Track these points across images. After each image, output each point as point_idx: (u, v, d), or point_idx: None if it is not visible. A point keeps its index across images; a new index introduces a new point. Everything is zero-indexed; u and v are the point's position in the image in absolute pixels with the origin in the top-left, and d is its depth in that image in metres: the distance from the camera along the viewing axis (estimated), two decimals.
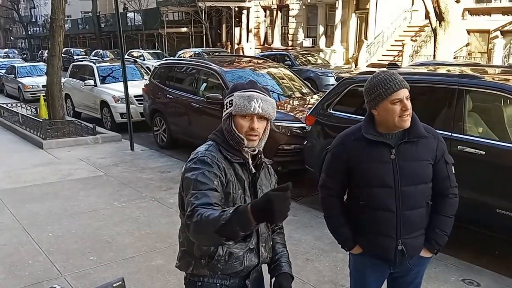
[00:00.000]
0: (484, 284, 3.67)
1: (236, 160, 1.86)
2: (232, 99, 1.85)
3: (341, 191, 2.34)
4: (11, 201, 5.75)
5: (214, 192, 1.71)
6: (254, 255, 1.92)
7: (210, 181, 1.74)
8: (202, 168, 1.77)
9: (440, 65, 5.64)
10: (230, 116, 1.87)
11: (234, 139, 1.85)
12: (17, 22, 52.47)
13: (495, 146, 3.98)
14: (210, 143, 1.92)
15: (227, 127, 1.88)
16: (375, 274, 2.37)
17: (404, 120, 2.11)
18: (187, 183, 1.78)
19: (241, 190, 1.86)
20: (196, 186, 1.72)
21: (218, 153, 1.85)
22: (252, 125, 1.83)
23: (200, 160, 1.81)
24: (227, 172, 1.81)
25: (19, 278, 3.86)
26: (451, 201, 2.27)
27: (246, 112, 1.82)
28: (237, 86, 1.91)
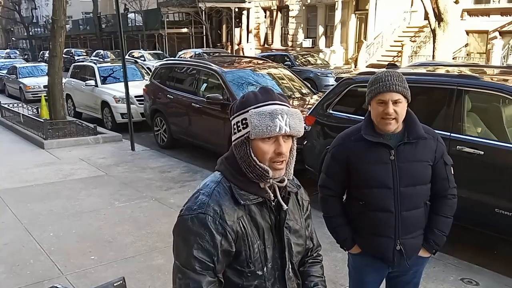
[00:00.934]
0: (483, 283, 3.67)
1: (253, 201, 1.42)
2: (246, 118, 1.38)
3: (340, 191, 2.34)
4: (12, 200, 5.75)
5: (210, 278, 1.37)
6: None
7: (209, 256, 1.37)
8: (200, 235, 1.37)
9: (439, 66, 5.64)
10: (246, 141, 1.40)
11: (255, 171, 1.40)
12: (19, 23, 52.47)
13: (494, 146, 3.97)
14: (218, 179, 1.46)
15: (243, 155, 1.41)
16: (373, 273, 2.37)
17: (385, 123, 2.09)
18: (179, 247, 1.41)
19: (259, 241, 1.43)
20: (189, 263, 1.37)
21: (226, 196, 1.41)
22: (279, 150, 1.38)
23: (200, 220, 1.38)
24: (235, 228, 1.39)
25: (20, 277, 3.86)
26: (449, 202, 2.27)
27: (271, 134, 1.36)
28: (249, 99, 1.42)
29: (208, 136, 7.63)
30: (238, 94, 7.09)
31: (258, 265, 1.43)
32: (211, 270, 1.38)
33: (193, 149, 8.52)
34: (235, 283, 1.44)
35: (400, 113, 2.09)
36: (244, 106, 1.41)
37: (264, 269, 1.45)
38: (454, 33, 13.02)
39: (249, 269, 1.43)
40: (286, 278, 1.50)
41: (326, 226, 2.41)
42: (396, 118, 2.09)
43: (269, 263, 1.45)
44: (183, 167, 7.28)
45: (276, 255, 1.48)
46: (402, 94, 2.06)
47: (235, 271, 1.43)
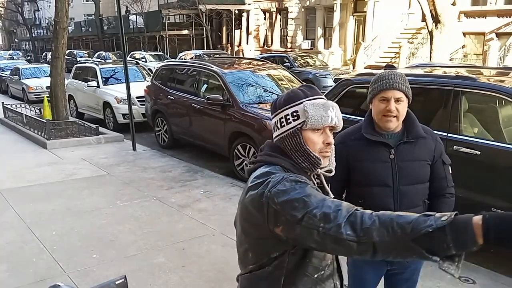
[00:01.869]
0: (480, 281, 3.67)
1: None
2: (297, 110, 1.44)
3: (340, 189, 2.33)
4: (15, 200, 5.75)
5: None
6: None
7: (319, 193, 1.32)
8: (303, 185, 1.32)
9: (436, 67, 5.64)
10: (299, 131, 1.44)
11: (309, 160, 1.43)
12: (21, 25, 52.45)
13: (490, 146, 3.98)
14: (274, 168, 1.42)
15: (295, 146, 1.44)
16: (372, 271, 2.37)
17: (386, 121, 2.10)
18: (291, 205, 1.27)
19: None
20: (315, 199, 1.27)
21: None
22: (329, 140, 1.45)
23: (292, 180, 1.33)
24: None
25: (23, 276, 3.86)
26: (447, 201, 2.27)
27: (324, 124, 1.42)
28: (297, 94, 1.47)
29: (209, 136, 7.63)
30: (238, 95, 7.09)
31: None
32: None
33: (194, 149, 8.52)
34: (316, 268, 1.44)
35: (401, 112, 2.10)
36: (294, 99, 1.46)
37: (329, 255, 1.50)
38: (451, 35, 13.04)
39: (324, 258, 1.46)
40: (339, 259, 1.58)
41: None
42: (397, 116, 2.10)
43: None
44: (184, 167, 7.28)
45: None
46: (404, 93, 2.08)
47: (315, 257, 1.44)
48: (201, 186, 6.26)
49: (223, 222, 4.90)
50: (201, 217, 5.11)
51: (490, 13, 19.19)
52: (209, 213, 5.25)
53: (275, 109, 1.50)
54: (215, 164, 7.62)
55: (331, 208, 1.24)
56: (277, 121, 1.49)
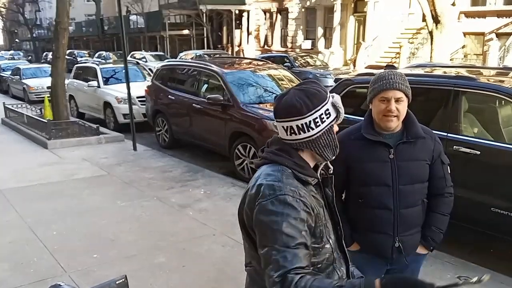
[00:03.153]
0: None
1: (313, 182, 1.55)
2: (328, 108, 1.53)
3: (339, 189, 2.34)
4: (16, 200, 5.75)
5: (304, 250, 1.40)
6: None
7: (298, 232, 1.39)
8: (286, 214, 1.40)
9: (437, 67, 5.64)
10: (331, 128, 1.55)
11: (334, 151, 1.57)
12: (23, 25, 52.43)
13: (490, 146, 3.97)
14: (278, 168, 1.51)
15: (329, 142, 1.54)
16: (372, 270, 2.36)
17: (387, 120, 2.11)
18: (267, 231, 1.41)
19: (324, 217, 1.56)
20: (282, 240, 1.38)
21: (294, 180, 1.49)
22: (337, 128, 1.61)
23: (281, 201, 1.41)
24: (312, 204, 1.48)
25: (24, 275, 3.86)
26: (446, 200, 2.28)
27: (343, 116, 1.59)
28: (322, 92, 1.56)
29: (209, 136, 7.63)
30: (239, 95, 7.09)
31: (326, 238, 1.54)
32: (303, 245, 1.40)
33: (194, 149, 8.52)
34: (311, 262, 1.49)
35: (401, 112, 2.10)
36: (322, 98, 1.53)
37: (330, 241, 1.57)
38: (451, 35, 13.04)
39: (322, 243, 1.52)
40: (344, 247, 1.66)
41: None
42: (397, 116, 2.10)
43: (332, 235, 1.59)
44: (184, 167, 7.28)
45: (332, 228, 1.61)
46: (404, 93, 2.08)
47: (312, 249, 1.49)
48: (201, 186, 6.26)
49: (223, 222, 4.90)
50: (202, 217, 5.11)
51: (490, 13, 19.18)
52: (209, 213, 5.25)
53: (306, 111, 1.50)
54: (216, 164, 7.62)
55: (286, 260, 1.36)
56: (309, 122, 1.50)
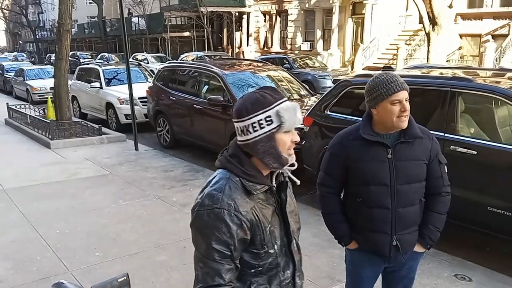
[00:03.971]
0: (476, 279, 3.67)
1: (261, 190, 1.53)
2: (270, 116, 1.47)
3: (338, 188, 2.34)
4: (19, 199, 5.75)
5: (228, 265, 1.47)
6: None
7: (226, 247, 1.45)
8: (217, 228, 1.45)
9: (434, 68, 5.64)
10: (272, 135, 1.49)
11: (280, 161, 1.51)
12: (26, 27, 52.40)
13: (486, 146, 3.97)
14: (226, 176, 1.53)
15: (268, 149, 1.49)
16: (370, 268, 2.37)
17: (402, 121, 2.11)
18: (198, 240, 1.50)
19: (270, 224, 1.55)
20: (209, 254, 1.46)
21: (238, 190, 1.49)
22: (295, 138, 1.53)
23: (215, 214, 1.45)
24: (249, 217, 1.49)
25: (27, 274, 3.86)
26: (443, 199, 2.28)
27: (296, 126, 1.51)
28: (267, 98, 1.50)
29: (210, 136, 7.63)
30: (239, 96, 7.09)
31: (270, 244, 1.55)
32: (229, 258, 1.47)
33: (195, 149, 8.52)
34: (251, 265, 1.55)
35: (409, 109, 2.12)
36: (264, 105, 1.48)
37: (275, 246, 1.57)
38: (447, 37, 13.04)
39: (263, 250, 1.54)
40: (293, 252, 1.65)
41: (324, 222, 2.41)
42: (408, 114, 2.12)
43: (278, 241, 1.58)
44: (185, 167, 7.28)
45: (282, 233, 1.61)
46: (408, 92, 2.11)
47: (251, 254, 1.54)
48: (202, 185, 6.21)
49: None
50: None
51: (486, 15, 19.19)
52: None
53: (245, 114, 1.49)
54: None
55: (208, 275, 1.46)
56: (247, 125, 1.49)
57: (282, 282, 1.61)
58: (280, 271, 1.60)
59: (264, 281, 1.57)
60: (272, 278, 1.59)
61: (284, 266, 1.62)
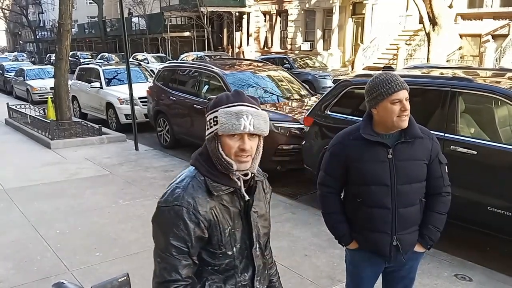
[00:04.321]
0: (476, 279, 3.67)
1: (225, 191, 1.54)
2: (216, 116, 1.50)
3: (339, 188, 2.34)
4: (19, 199, 5.75)
5: (185, 261, 1.51)
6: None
7: (184, 243, 1.49)
8: (176, 225, 1.49)
9: (434, 68, 5.64)
10: (215, 136, 1.52)
11: (222, 163, 1.52)
12: (26, 27, 52.39)
13: (487, 146, 3.97)
14: (192, 174, 1.57)
15: (212, 149, 1.53)
16: (370, 268, 2.37)
17: (402, 120, 2.11)
18: (158, 235, 1.54)
19: (230, 226, 1.57)
20: (167, 249, 1.50)
21: (200, 189, 1.52)
22: (243, 146, 1.49)
23: (175, 211, 1.49)
24: (208, 217, 1.52)
25: (27, 274, 3.86)
26: (444, 199, 2.27)
27: (236, 131, 1.48)
28: (221, 99, 1.54)
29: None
30: None
31: (228, 246, 1.58)
32: (186, 254, 1.51)
33: (195, 149, 8.33)
34: (209, 263, 1.58)
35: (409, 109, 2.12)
36: (216, 105, 1.53)
37: (234, 249, 1.59)
38: (448, 37, 13.04)
39: (220, 250, 1.57)
40: (254, 256, 1.64)
41: (324, 222, 2.41)
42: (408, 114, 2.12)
43: (237, 244, 1.60)
44: (185, 167, 7.12)
45: (245, 236, 1.62)
46: (408, 91, 2.11)
47: (209, 252, 1.57)
48: None
49: None
50: None
51: (486, 15, 19.19)
52: None
53: (206, 112, 1.57)
54: None
55: (166, 270, 1.51)
56: (206, 123, 1.56)
57: (238, 283, 1.62)
58: (238, 273, 1.61)
59: (220, 280, 1.59)
60: (228, 279, 1.61)
61: (243, 269, 1.63)
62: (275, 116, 6.52)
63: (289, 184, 6.47)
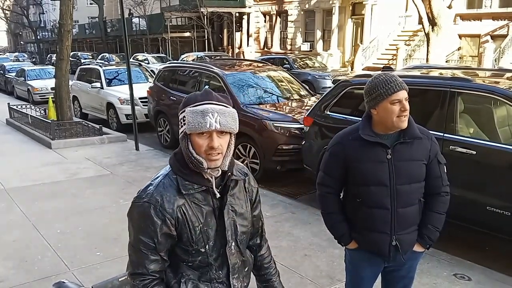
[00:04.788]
0: (475, 278, 3.67)
1: (196, 189, 1.57)
2: (185, 115, 1.53)
3: (338, 188, 2.34)
4: (20, 199, 5.75)
5: (152, 257, 1.56)
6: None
7: (151, 239, 1.54)
8: (143, 221, 1.54)
9: (433, 68, 5.64)
10: (185, 135, 1.55)
11: (192, 161, 1.55)
12: (27, 27, 52.42)
13: (486, 146, 3.97)
14: (166, 172, 1.62)
15: (184, 148, 1.56)
16: (370, 268, 2.37)
17: (402, 121, 2.11)
18: (129, 228, 1.61)
19: (201, 224, 1.58)
20: (137, 243, 1.57)
21: (171, 188, 1.56)
22: (211, 144, 1.51)
23: (144, 207, 1.54)
24: (175, 215, 1.54)
25: (28, 273, 3.86)
26: (443, 199, 2.27)
27: (202, 129, 1.50)
28: (189, 99, 1.57)
29: None
30: (239, 96, 7.09)
31: (201, 243, 1.60)
32: (153, 250, 1.56)
33: None
34: (182, 259, 1.63)
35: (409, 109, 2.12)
36: (184, 105, 1.57)
37: (206, 246, 1.61)
38: (447, 37, 13.04)
39: (192, 247, 1.60)
40: (228, 254, 1.65)
41: (324, 222, 2.41)
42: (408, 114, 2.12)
43: (211, 242, 1.62)
44: None
45: (219, 234, 1.63)
46: (407, 92, 2.10)
47: (181, 249, 1.61)
48: None
49: None
50: None
51: (485, 16, 19.19)
52: None
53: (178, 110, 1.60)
54: None
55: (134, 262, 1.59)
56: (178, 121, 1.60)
57: (213, 280, 1.65)
58: (212, 270, 1.65)
59: (194, 276, 1.63)
60: (203, 275, 1.64)
61: (218, 267, 1.65)
62: (275, 116, 6.52)
63: (289, 184, 6.47)
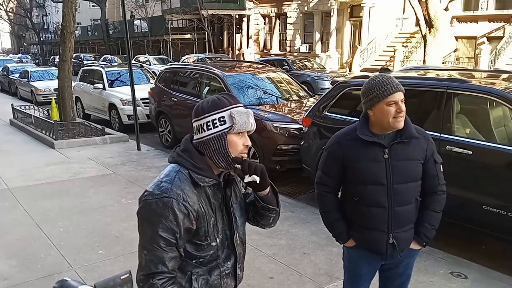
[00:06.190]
0: (472, 276, 3.67)
1: (208, 183, 1.59)
2: (223, 116, 1.56)
3: (336, 187, 2.34)
4: (24, 198, 5.75)
5: (172, 253, 1.52)
6: (230, 279, 1.71)
7: (172, 234, 1.50)
8: (164, 216, 1.50)
9: (430, 70, 5.64)
10: (224, 135, 1.57)
11: (227, 160, 1.58)
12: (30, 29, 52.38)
13: (482, 146, 3.98)
14: (177, 169, 1.59)
15: (218, 148, 1.57)
16: (367, 266, 2.37)
17: (398, 121, 2.11)
18: (145, 227, 1.55)
19: (213, 218, 1.61)
20: (154, 240, 1.51)
21: (187, 182, 1.56)
22: (247, 143, 1.61)
23: (164, 203, 1.50)
24: (196, 208, 1.54)
25: (32, 271, 3.86)
26: (439, 198, 2.28)
27: (247, 129, 1.59)
28: (223, 101, 1.60)
29: None
30: (239, 97, 7.09)
31: (212, 237, 1.62)
32: (174, 246, 1.52)
33: None
34: (193, 256, 1.61)
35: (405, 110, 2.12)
36: (220, 106, 1.58)
37: (217, 239, 1.64)
38: (444, 39, 13.04)
39: (206, 241, 1.61)
40: (235, 244, 1.70)
41: (322, 221, 2.41)
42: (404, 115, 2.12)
43: (220, 234, 1.65)
44: None
45: (225, 227, 1.68)
46: (403, 93, 2.10)
47: (194, 245, 1.59)
48: None
49: None
50: None
51: (482, 18, 19.20)
52: None
53: (201, 113, 1.60)
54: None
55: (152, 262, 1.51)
56: (202, 124, 1.59)
57: (222, 272, 1.67)
58: (221, 263, 1.66)
59: (204, 272, 1.62)
60: (212, 269, 1.64)
61: (225, 258, 1.68)
62: (275, 117, 6.52)
63: (288, 183, 6.47)
